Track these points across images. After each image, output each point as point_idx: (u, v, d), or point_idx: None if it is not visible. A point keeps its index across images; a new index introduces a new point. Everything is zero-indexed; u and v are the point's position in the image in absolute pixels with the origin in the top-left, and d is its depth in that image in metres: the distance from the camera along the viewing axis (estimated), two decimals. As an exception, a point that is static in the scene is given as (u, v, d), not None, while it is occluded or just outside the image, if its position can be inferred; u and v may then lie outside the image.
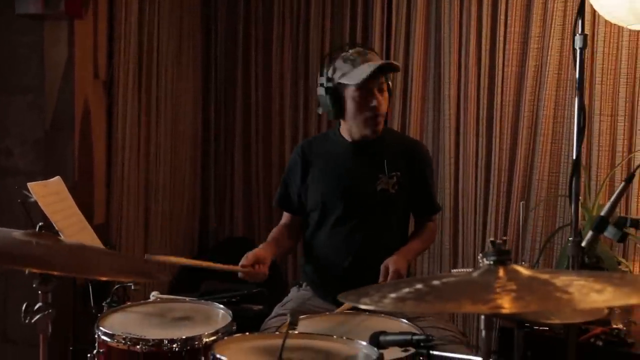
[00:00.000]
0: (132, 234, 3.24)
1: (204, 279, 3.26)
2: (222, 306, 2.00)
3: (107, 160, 3.14)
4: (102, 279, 2.05)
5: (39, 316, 1.55)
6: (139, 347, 1.74)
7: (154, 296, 2.10)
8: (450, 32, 3.27)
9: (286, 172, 2.48)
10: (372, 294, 1.26)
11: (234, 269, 2.17)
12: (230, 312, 1.94)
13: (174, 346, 1.75)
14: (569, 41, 2.95)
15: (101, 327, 1.81)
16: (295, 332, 1.60)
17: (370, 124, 2.29)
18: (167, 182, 3.51)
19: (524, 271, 1.26)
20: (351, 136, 2.35)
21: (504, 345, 2.35)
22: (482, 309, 1.15)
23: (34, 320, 1.55)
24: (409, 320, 1.92)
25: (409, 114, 3.37)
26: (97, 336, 1.81)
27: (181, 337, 1.76)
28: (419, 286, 1.26)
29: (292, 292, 2.46)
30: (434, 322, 2.15)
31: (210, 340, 1.76)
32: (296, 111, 3.68)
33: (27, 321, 1.54)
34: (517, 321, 1.60)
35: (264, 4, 3.71)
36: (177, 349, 1.75)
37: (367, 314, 1.96)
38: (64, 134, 2.95)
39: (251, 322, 2.19)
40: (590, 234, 1.73)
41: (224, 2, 3.80)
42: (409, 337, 1.58)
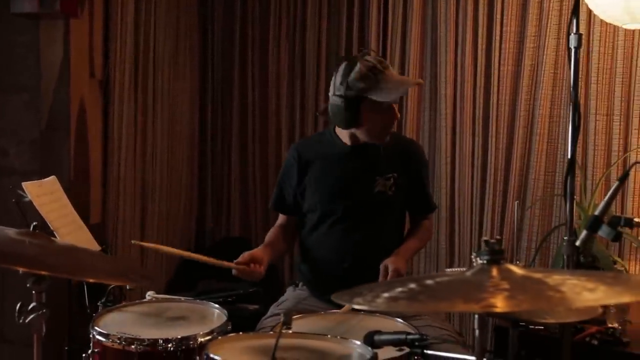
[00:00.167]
0: (128, 234, 3.23)
1: (201, 278, 3.26)
2: (217, 306, 2.00)
3: (103, 160, 3.13)
4: (92, 281, 2.05)
5: (33, 316, 1.54)
6: (134, 346, 1.74)
7: (149, 296, 2.10)
8: (446, 31, 3.27)
9: (281, 175, 2.46)
10: (365, 293, 1.26)
11: (228, 265, 2.16)
12: (225, 312, 1.94)
13: (169, 346, 1.75)
14: (564, 40, 2.95)
15: (96, 327, 1.81)
16: (289, 331, 1.60)
17: (383, 134, 2.29)
18: (163, 182, 3.51)
19: (517, 270, 1.26)
20: (352, 140, 2.32)
21: (499, 344, 2.37)
22: (475, 308, 1.16)
23: (28, 320, 1.55)
24: (404, 319, 1.92)
25: (405, 114, 3.37)
26: (92, 336, 1.81)
27: (176, 337, 1.76)
28: (412, 286, 1.26)
29: (288, 291, 2.46)
30: (430, 321, 2.14)
31: (205, 340, 1.76)
32: (293, 111, 3.68)
33: (20, 321, 1.54)
34: (512, 320, 1.60)
35: (261, 4, 3.71)
36: (172, 349, 1.75)
37: (362, 313, 1.96)
38: (60, 133, 2.95)
39: (247, 322, 2.19)
40: (584, 233, 1.73)
41: (221, 2, 3.80)
42: (403, 336, 1.58)
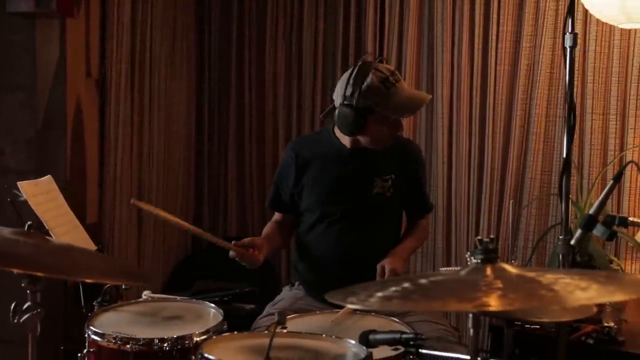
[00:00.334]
0: (125, 233, 3.23)
1: (197, 278, 3.26)
2: (213, 305, 2.00)
3: (100, 159, 3.12)
4: (88, 282, 2.05)
5: (28, 315, 1.54)
6: (129, 346, 1.74)
7: (145, 295, 2.10)
8: (443, 31, 3.27)
9: (278, 174, 2.45)
10: (358, 292, 1.26)
11: (226, 245, 2.13)
12: (221, 311, 1.94)
13: (165, 345, 1.75)
14: (560, 40, 2.96)
15: (91, 327, 1.81)
16: (284, 331, 1.60)
17: (387, 142, 2.29)
18: (160, 182, 3.51)
19: (511, 269, 1.27)
20: (352, 143, 2.30)
21: (495, 343, 2.37)
22: (468, 307, 1.16)
23: (23, 319, 1.54)
24: (400, 315, 1.92)
25: (402, 114, 3.36)
26: (87, 335, 1.81)
27: (172, 337, 1.76)
28: (406, 285, 1.26)
29: (284, 291, 2.46)
30: (426, 317, 2.15)
31: (200, 339, 1.76)
32: (290, 111, 3.68)
33: (15, 321, 1.53)
34: (507, 319, 1.60)
35: (258, 4, 3.71)
36: (167, 348, 1.75)
37: (358, 312, 1.96)
38: (56, 133, 2.94)
39: (243, 322, 2.19)
40: (578, 232, 1.73)
41: (218, 2, 3.79)
42: (398, 335, 1.58)
